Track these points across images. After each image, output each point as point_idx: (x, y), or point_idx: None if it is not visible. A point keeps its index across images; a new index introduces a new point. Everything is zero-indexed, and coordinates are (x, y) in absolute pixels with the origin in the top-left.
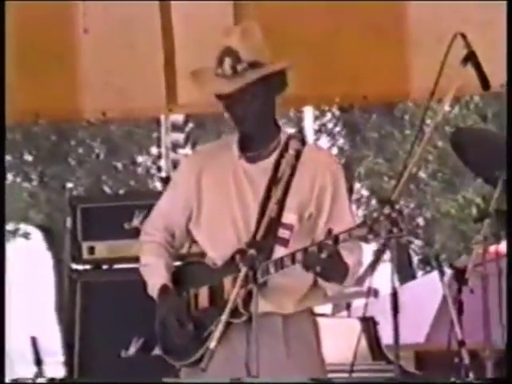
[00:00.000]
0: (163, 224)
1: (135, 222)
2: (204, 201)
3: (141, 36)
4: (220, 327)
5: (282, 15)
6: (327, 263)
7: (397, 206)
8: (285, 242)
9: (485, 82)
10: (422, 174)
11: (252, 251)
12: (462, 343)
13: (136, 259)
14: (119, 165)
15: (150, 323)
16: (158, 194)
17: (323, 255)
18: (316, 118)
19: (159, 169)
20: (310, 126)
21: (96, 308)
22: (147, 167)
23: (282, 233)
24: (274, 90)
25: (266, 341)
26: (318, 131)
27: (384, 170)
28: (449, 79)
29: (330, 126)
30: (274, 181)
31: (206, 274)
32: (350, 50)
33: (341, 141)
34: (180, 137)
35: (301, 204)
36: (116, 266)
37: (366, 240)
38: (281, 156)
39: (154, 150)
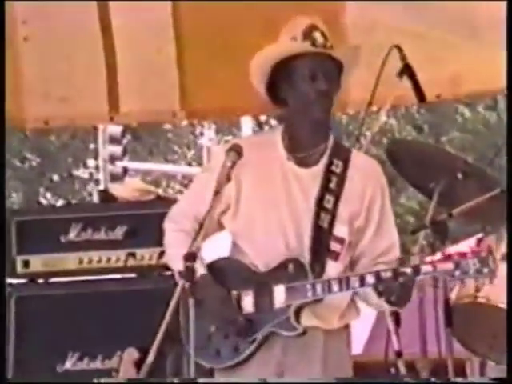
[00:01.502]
0: (193, 212)
1: (71, 235)
2: (243, 196)
3: (81, 44)
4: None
5: (221, 18)
6: (401, 292)
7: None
8: (336, 256)
9: (420, 94)
10: None
11: (307, 264)
12: (398, 354)
13: (72, 273)
14: (55, 177)
15: (85, 337)
16: (95, 207)
17: (398, 283)
18: (254, 130)
19: (97, 181)
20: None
21: (31, 322)
22: (84, 180)
23: (334, 246)
24: (338, 85)
25: (306, 354)
26: None
27: None
28: (386, 91)
29: None
30: (325, 189)
31: (250, 277)
32: None
33: None
34: (118, 149)
35: (351, 216)
36: (52, 280)
37: (452, 276)
38: (330, 163)
39: (91, 163)
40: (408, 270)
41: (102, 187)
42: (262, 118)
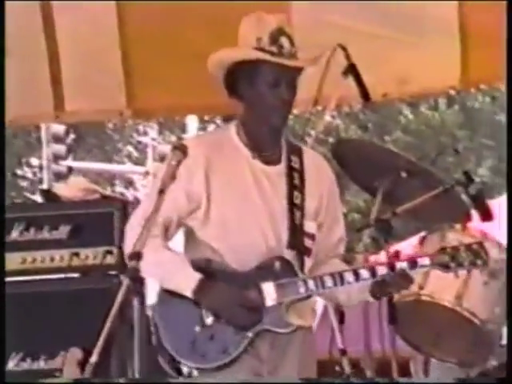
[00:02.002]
0: (162, 218)
1: (14, 235)
2: (214, 198)
3: (25, 43)
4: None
5: (166, 18)
6: (397, 287)
7: (477, 239)
8: (309, 252)
9: (364, 93)
10: None
11: (293, 260)
12: (343, 352)
13: (15, 272)
14: None
15: (28, 337)
16: (38, 206)
17: (392, 276)
18: (199, 129)
19: (40, 180)
20: (194, 131)
21: None
22: (28, 179)
23: (307, 242)
24: (296, 87)
25: (288, 352)
26: None
27: None
28: (331, 90)
29: None
30: (292, 186)
31: (236, 278)
32: None
33: None
34: (61, 148)
35: (316, 211)
36: None
37: (446, 267)
38: (289, 160)
39: (34, 162)
40: (404, 264)
41: (45, 186)
42: (206, 117)
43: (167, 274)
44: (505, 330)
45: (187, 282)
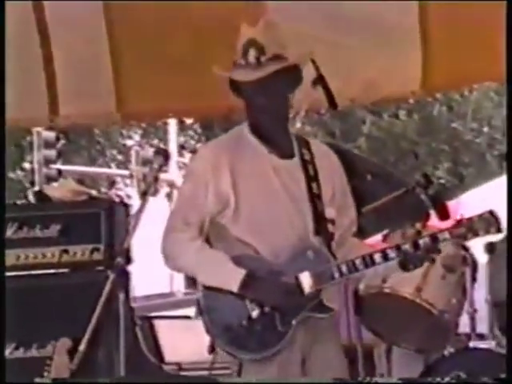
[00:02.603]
0: (196, 220)
1: (9, 233)
2: (242, 195)
3: (20, 47)
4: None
5: (153, 28)
6: (423, 261)
7: (491, 208)
8: (332, 236)
9: (332, 103)
10: None
11: (323, 248)
12: None
13: (10, 268)
14: None
15: (22, 327)
16: (30, 207)
17: (420, 253)
18: (179, 135)
19: (32, 183)
20: (174, 140)
21: None
22: (21, 181)
23: (330, 227)
24: (291, 85)
25: (325, 334)
26: (181, 147)
27: None
28: (301, 98)
29: (192, 142)
30: (308, 177)
31: (272, 269)
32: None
33: None
34: (52, 153)
35: (331, 198)
36: None
37: (465, 238)
38: (301, 153)
39: (27, 165)
40: (427, 240)
41: (37, 188)
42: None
43: (212, 272)
44: (461, 320)
45: (232, 277)
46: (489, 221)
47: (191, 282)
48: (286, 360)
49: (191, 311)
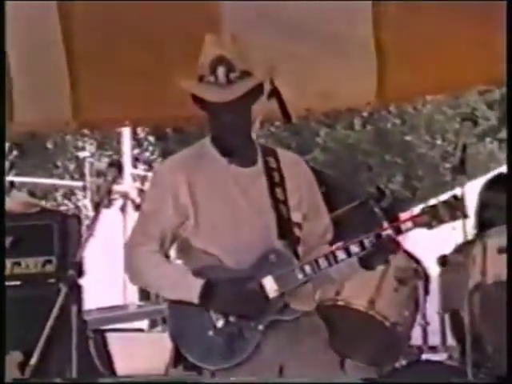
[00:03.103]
0: (157, 233)
1: None
2: (201, 205)
3: None
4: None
5: (109, 37)
6: (386, 253)
7: (454, 193)
8: (299, 240)
9: (286, 115)
10: None
11: (286, 251)
12: None
13: None
14: None
15: None
16: None
17: (379, 245)
18: (133, 147)
19: None
20: (128, 152)
21: None
22: None
23: (296, 231)
24: (255, 99)
25: (298, 337)
26: (136, 159)
27: None
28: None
29: (146, 154)
30: (273, 184)
31: (237, 277)
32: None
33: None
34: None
35: (299, 203)
36: None
37: (430, 226)
38: (266, 161)
39: None
40: (390, 232)
41: None
42: (141, 134)
43: (171, 286)
44: (413, 332)
45: (191, 290)
46: (454, 205)
47: (145, 294)
48: (258, 367)
49: (144, 324)
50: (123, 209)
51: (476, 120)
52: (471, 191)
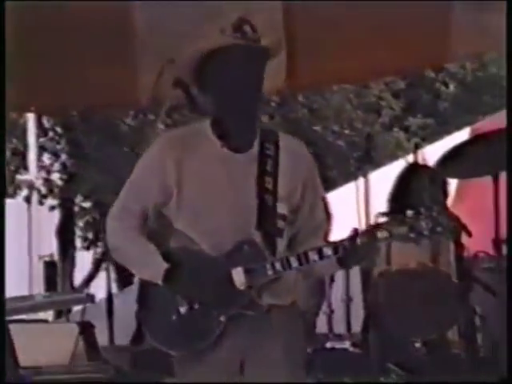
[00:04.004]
0: (137, 208)
1: None
2: (185, 187)
3: None
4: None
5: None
6: (362, 256)
7: (437, 207)
8: (281, 233)
9: (192, 105)
10: None
11: (261, 243)
12: None
13: None
14: None
15: None
16: None
17: (355, 248)
18: (38, 137)
19: None
20: (33, 141)
21: None
22: None
23: (279, 223)
24: (265, 64)
25: (266, 332)
26: (41, 148)
27: (105, 184)
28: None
29: (52, 144)
30: (263, 172)
31: (208, 263)
32: (83, 66)
33: (63, 157)
34: None
35: (289, 194)
36: None
37: (407, 238)
38: (262, 147)
39: None
40: (364, 239)
41: None
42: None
43: (139, 264)
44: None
45: (157, 271)
46: (436, 219)
47: (51, 285)
48: (217, 359)
49: (49, 315)
50: (28, 199)
51: (380, 110)
52: (378, 179)
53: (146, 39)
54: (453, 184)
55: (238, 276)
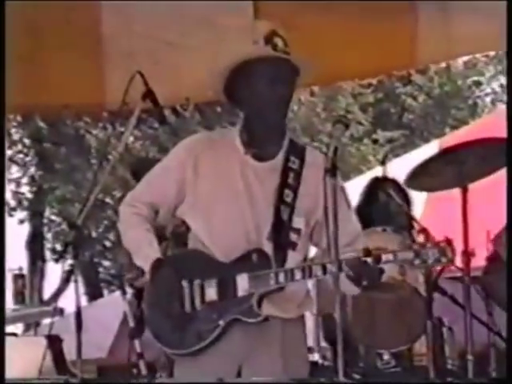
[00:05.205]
0: (149, 200)
1: None
2: (202, 190)
3: None
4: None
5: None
6: (370, 276)
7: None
8: (294, 246)
9: (161, 117)
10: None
11: (270, 253)
12: (140, 355)
13: None
14: None
15: None
16: None
17: (366, 268)
18: (7, 148)
19: None
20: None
21: None
22: None
23: (292, 236)
24: (294, 90)
25: (265, 342)
26: (10, 161)
27: (73, 196)
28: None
29: (21, 156)
30: (285, 185)
31: (214, 267)
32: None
33: (32, 170)
34: None
35: (308, 209)
36: None
37: (411, 264)
38: (287, 159)
39: None
40: (369, 260)
41: None
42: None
43: (135, 251)
44: None
45: (146, 259)
46: (442, 250)
47: (19, 298)
48: (215, 361)
49: (19, 328)
50: None
51: (348, 123)
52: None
53: (113, 40)
54: (421, 196)
55: (242, 282)
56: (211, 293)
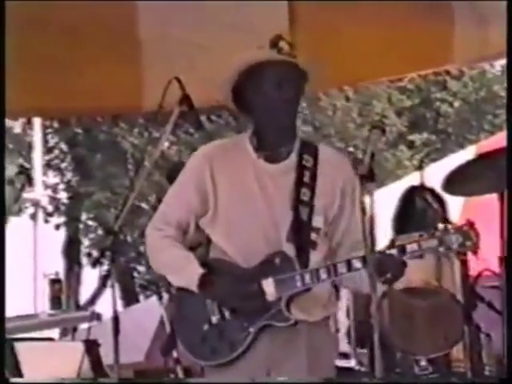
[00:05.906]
0: (176, 219)
1: None
2: (220, 199)
3: None
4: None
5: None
6: (395, 269)
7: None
8: (314, 245)
9: (197, 122)
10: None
11: (292, 255)
12: (177, 361)
13: None
14: None
15: None
16: None
17: (390, 260)
18: (44, 154)
19: None
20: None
21: None
22: None
23: (313, 236)
24: (303, 93)
25: (292, 346)
26: (47, 166)
27: (109, 202)
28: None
29: (57, 161)
30: (300, 184)
31: (239, 274)
32: (91, 68)
33: (68, 175)
34: None
35: (326, 207)
36: None
37: (436, 252)
38: (300, 158)
39: None
40: (394, 251)
41: None
42: (53, 141)
43: (175, 272)
44: None
45: (192, 276)
46: (466, 234)
47: (56, 303)
48: (246, 369)
49: (55, 333)
50: (34, 217)
51: (384, 128)
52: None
53: (149, 45)
54: (458, 202)
55: (268, 287)
56: (238, 301)
